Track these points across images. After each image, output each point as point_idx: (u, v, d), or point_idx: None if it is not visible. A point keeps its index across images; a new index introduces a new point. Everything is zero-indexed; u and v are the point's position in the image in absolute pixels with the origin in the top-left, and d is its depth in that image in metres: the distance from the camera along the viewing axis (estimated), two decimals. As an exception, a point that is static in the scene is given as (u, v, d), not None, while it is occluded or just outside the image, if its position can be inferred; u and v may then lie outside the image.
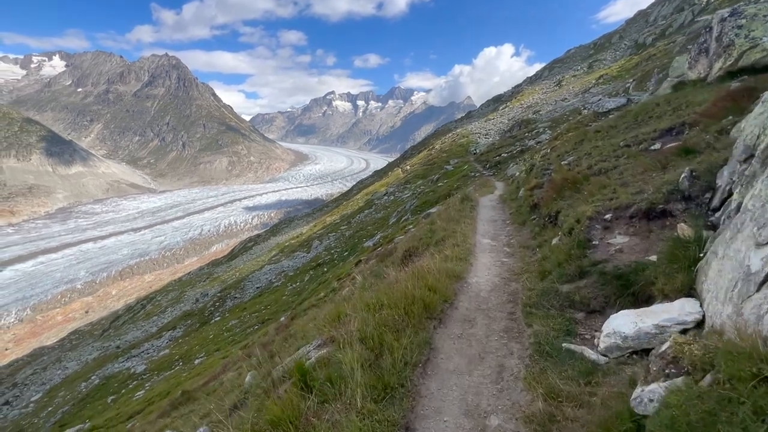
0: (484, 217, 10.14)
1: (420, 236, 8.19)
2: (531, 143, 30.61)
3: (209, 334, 20.50)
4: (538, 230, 7.17)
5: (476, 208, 11.19)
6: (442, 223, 8.58)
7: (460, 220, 8.97)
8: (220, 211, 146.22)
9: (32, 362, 47.22)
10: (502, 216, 10.33)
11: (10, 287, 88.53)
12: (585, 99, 42.20)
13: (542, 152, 16.69)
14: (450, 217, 9.39)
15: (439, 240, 7.23)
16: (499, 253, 6.86)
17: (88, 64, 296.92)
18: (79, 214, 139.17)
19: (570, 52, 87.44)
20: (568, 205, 6.43)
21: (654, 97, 12.62)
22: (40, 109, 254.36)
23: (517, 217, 9.23)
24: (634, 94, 17.96)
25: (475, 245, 7.09)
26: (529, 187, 9.92)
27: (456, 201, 12.44)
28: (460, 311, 4.44)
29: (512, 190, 13.61)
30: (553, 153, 14.05)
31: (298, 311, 10.31)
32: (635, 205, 4.82)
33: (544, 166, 11.63)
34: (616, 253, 4.34)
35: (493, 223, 9.55)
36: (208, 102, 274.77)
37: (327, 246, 31.43)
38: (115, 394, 17.74)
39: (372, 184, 76.42)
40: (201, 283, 51.04)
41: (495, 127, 59.66)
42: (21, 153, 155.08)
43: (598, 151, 9.02)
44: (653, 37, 52.54)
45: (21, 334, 75.15)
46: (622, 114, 12.88)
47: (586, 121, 15.63)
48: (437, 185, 30.68)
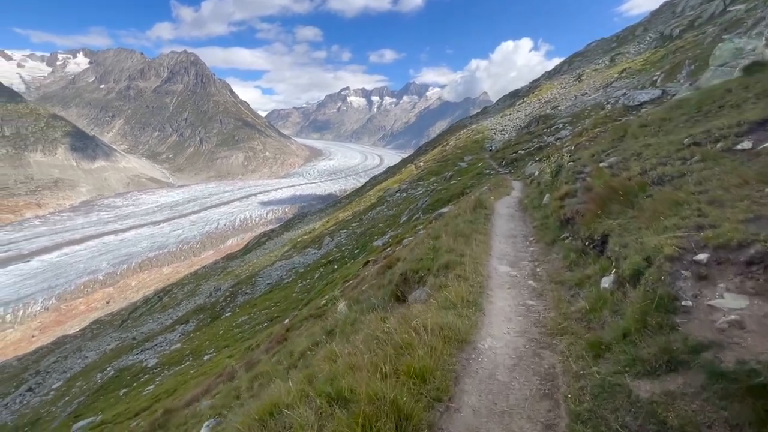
0: (500, 231, 8.42)
1: (420, 256, 6.64)
2: (550, 140, 29.64)
3: (219, 330, 20.74)
4: (574, 257, 5.38)
5: (491, 218, 9.44)
6: (448, 240, 6.89)
7: (471, 236, 7.27)
8: (236, 205, 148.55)
9: (55, 350, 49.00)
10: (523, 229, 8.57)
11: (37, 277, 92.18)
12: (607, 93, 40.66)
13: (565, 149, 14.97)
14: (458, 230, 7.69)
15: (442, 266, 5.57)
16: (523, 289, 5.14)
17: (110, 61, 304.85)
18: (101, 208, 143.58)
19: (591, 45, 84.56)
20: (620, 228, 4.64)
21: (723, 83, 10.16)
22: (65, 105, 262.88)
23: (544, 233, 7.43)
24: (669, 85, 16.45)
25: (489, 276, 5.43)
26: (559, 194, 8.10)
27: (467, 207, 10.58)
28: (464, 419, 2.66)
29: (534, 194, 11.54)
30: (583, 151, 11.77)
31: (295, 321, 9.94)
32: (757, 245, 2.97)
33: (576, 169, 9.32)
34: (731, 330, 2.50)
35: (512, 239, 7.77)
36: (225, 98, 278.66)
37: (338, 243, 31.37)
38: (127, 387, 18.16)
39: (385, 180, 76.05)
40: (215, 276, 51.90)
41: (511, 123, 58.31)
42: (47, 148, 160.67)
43: (653, 150, 6.99)
44: (681, 28, 50.17)
45: (46, 322, 78.21)
46: (674, 105, 10.19)
47: (615, 115, 14.18)
48: (450, 183, 30.09)
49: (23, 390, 30.79)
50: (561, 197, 7.98)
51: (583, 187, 7.42)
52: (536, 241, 7.32)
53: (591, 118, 23.06)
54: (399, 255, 9.58)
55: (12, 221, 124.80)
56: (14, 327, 76.03)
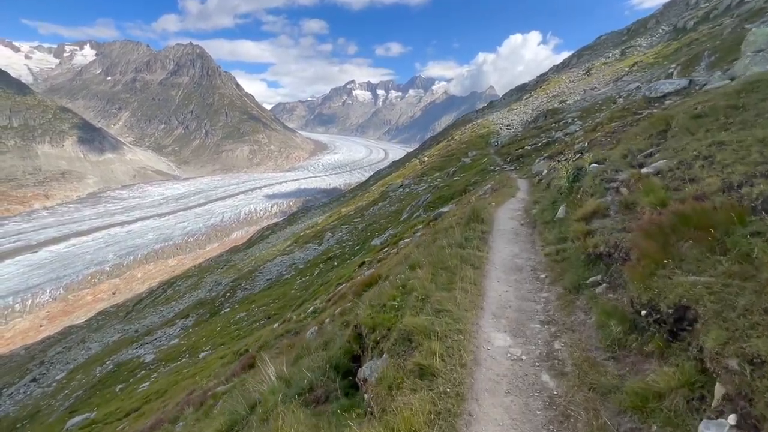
0: (500, 259, 6.21)
1: (385, 299, 4.62)
2: (558, 135, 28.88)
3: (217, 327, 20.64)
4: (619, 333, 3.27)
5: (489, 237, 7.30)
6: (426, 277, 4.90)
7: (458, 270, 5.17)
8: (240, 198, 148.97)
9: (62, 340, 49.63)
10: (531, 257, 6.35)
11: (45, 267, 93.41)
12: (618, 87, 39.65)
13: (577, 146, 13.49)
14: (442, 259, 5.57)
15: (404, 337, 3.62)
16: (532, 397, 3.00)
17: (116, 53, 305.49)
18: (108, 199, 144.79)
19: (600, 38, 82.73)
20: (714, 298, 2.58)
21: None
22: (72, 97, 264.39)
23: (561, 270, 5.28)
24: (694, 75, 15.26)
25: (477, 363, 3.39)
26: (583, 212, 5.89)
27: (461, 217, 8.63)
28: None
29: (545, 202, 9.32)
30: (607, 150, 9.39)
31: (270, 338, 9.36)
32: None
33: (606, 175, 6.80)
34: None
35: (515, 275, 5.58)
36: (231, 91, 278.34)
37: (339, 239, 31.10)
38: (123, 382, 18.18)
39: (389, 174, 75.52)
40: (219, 270, 52.04)
41: (518, 117, 57.38)
42: (55, 139, 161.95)
43: (732, 152, 4.57)
44: (695, 20, 48.72)
45: (54, 312, 79.30)
46: (739, 89, 7.49)
47: (634, 107, 13.00)
48: (453, 180, 29.57)
49: (27, 380, 31.18)
50: (586, 217, 5.78)
51: (618, 203, 5.45)
52: (551, 282, 5.13)
53: (605, 112, 21.70)
54: (383, 269, 8.47)
55: (21, 212, 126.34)
56: (23, 316, 77.22)
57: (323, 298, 10.65)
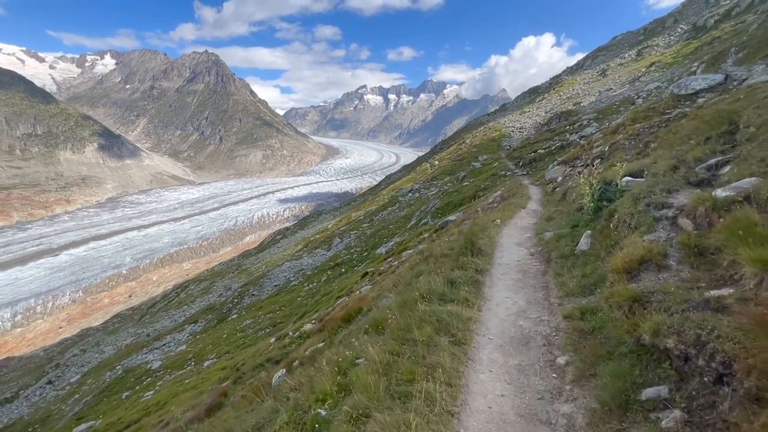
0: (497, 322, 4.34)
1: (315, 396, 3.60)
2: (573, 138, 27.93)
3: (223, 333, 20.63)
4: None
5: (485, 280, 5.39)
6: (379, 358, 3.52)
7: (427, 356, 3.48)
8: (254, 203, 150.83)
9: (79, 342, 50.66)
10: (544, 317, 4.34)
11: (66, 270, 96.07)
12: (636, 87, 38.50)
13: (595, 150, 12.18)
14: (412, 327, 3.89)
15: None
16: None
17: (135, 62, 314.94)
18: (126, 204, 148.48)
19: (616, 39, 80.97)
20: None
21: None
22: (93, 104, 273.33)
23: (591, 356, 3.25)
24: (732, 69, 13.82)
25: None
26: (625, 261, 3.78)
27: (454, 245, 6.77)
28: None
29: (560, 222, 7.53)
30: (647, 159, 6.95)
31: (247, 369, 8.74)
32: None
33: (653, 198, 4.68)
34: None
35: (519, 352, 3.78)
36: (245, 97, 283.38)
37: (347, 244, 30.88)
38: (130, 389, 18.28)
39: (399, 179, 75.20)
40: (230, 274, 52.47)
41: (530, 120, 56.40)
42: (76, 146, 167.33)
43: None
44: (716, 18, 47.13)
45: (73, 314, 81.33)
46: None
47: (662, 106, 11.51)
48: (462, 185, 29.02)
49: (43, 382, 31.84)
50: (630, 266, 3.69)
51: (680, 246, 3.58)
52: (576, 379, 3.17)
53: (625, 113, 19.90)
54: (368, 298, 7.24)
55: (43, 216, 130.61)
56: (44, 318, 79.44)
57: (320, 314, 10.25)
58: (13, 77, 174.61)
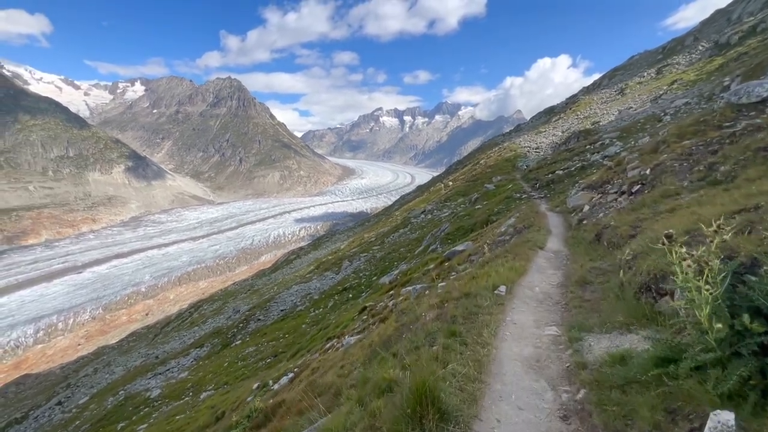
0: None
1: None
2: (595, 158, 26.59)
3: (224, 362, 20.02)
4: None
5: None
6: None
7: None
8: (270, 222, 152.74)
9: (94, 360, 50.99)
10: None
11: (88, 287, 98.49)
12: (661, 105, 37.25)
13: (631, 173, 10.06)
14: None
15: None
16: None
17: (163, 88, 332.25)
18: (148, 223, 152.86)
19: (633, 58, 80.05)
20: None
21: None
22: (122, 128, 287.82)
23: None
24: None
25: None
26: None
27: (435, 345, 3.70)
28: None
29: (613, 315, 3.73)
30: None
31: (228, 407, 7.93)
32: None
33: None
34: None
35: None
36: (264, 120, 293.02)
37: (356, 268, 30.22)
38: (126, 420, 17.75)
39: (413, 199, 74.67)
40: (242, 295, 52.32)
41: (547, 140, 55.43)
42: (104, 167, 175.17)
43: None
44: (740, 35, 45.85)
45: (92, 332, 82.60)
46: None
47: (717, 119, 9.03)
48: (475, 208, 28.12)
49: (53, 403, 31.76)
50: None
51: None
52: None
53: (669, 126, 15.32)
54: (345, 371, 5.85)
55: (70, 234, 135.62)
56: (64, 334, 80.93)
57: (304, 360, 9.49)
58: (50, 104, 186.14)
